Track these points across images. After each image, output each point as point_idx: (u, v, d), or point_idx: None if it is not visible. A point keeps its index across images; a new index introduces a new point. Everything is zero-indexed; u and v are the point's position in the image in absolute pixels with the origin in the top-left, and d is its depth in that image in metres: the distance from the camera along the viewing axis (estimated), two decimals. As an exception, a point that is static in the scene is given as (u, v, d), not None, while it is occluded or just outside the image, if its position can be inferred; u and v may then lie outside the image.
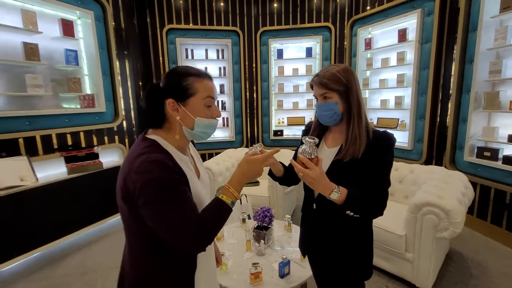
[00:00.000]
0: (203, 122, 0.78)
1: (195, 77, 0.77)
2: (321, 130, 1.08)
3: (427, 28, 3.03)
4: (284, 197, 2.69)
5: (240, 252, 1.74)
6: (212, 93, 0.80)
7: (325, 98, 0.94)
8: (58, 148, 2.67)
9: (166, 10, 4.02)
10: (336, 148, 0.99)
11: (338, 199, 0.87)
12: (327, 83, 0.92)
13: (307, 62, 4.37)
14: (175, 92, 0.76)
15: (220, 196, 0.75)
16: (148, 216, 0.67)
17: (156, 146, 0.75)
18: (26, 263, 2.32)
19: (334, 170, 0.95)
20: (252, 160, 0.81)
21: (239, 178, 0.79)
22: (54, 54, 2.63)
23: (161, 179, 0.66)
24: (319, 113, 0.98)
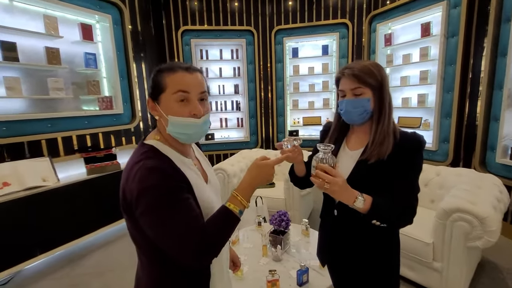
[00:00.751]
0: (177, 122, 0.69)
1: (167, 71, 0.70)
2: (342, 130, 0.99)
3: (454, 21, 2.84)
4: (300, 200, 2.62)
5: (256, 257, 1.69)
6: (185, 86, 0.68)
7: (356, 93, 0.86)
8: (78, 149, 2.74)
9: (181, 11, 4.05)
10: (359, 150, 0.92)
11: (362, 208, 0.80)
12: (362, 76, 0.84)
13: (323, 60, 4.26)
14: (150, 90, 0.73)
15: (227, 205, 0.69)
16: (146, 226, 0.63)
17: (153, 151, 0.70)
18: (48, 261, 2.39)
19: (358, 173, 0.89)
20: (263, 164, 0.75)
21: (248, 184, 0.73)
22: (74, 58, 2.71)
23: (159, 187, 0.61)
24: (347, 110, 0.89)
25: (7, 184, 2.14)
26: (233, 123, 4.53)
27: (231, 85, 4.41)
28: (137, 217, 0.63)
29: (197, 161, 0.86)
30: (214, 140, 4.45)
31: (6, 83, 2.17)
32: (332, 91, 4.31)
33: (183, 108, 0.69)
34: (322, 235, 1.08)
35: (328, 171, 0.80)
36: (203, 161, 0.90)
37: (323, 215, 1.07)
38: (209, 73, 4.33)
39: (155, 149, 0.71)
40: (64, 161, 2.60)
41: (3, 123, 2.20)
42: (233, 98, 4.45)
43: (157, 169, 0.63)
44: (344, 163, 0.94)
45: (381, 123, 0.86)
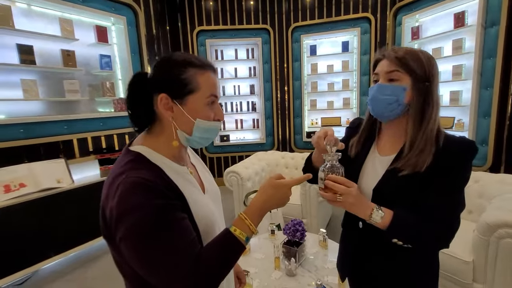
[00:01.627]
0: (204, 125, 0.62)
1: (197, 68, 0.60)
2: (373, 129, 0.84)
3: (493, 9, 2.53)
4: (318, 206, 2.44)
5: (268, 270, 1.55)
6: (216, 90, 0.63)
7: (391, 78, 0.71)
8: (93, 150, 2.75)
9: (196, 12, 4.01)
10: (391, 156, 0.76)
11: (381, 223, 0.68)
12: (404, 59, 0.69)
13: (343, 57, 4.03)
14: (170, 85, 0.59)
15: (232, 229, 0.57)
16: (128, 255, 0.51)
17: (139, 161, 0.58)
18: (62, 262, 2.40)
19: (386, 185, 0.74)
20: (279, 184, 0.63)
21: (260, 206, 0.62)
22: (90, 60, 2.73)
23: (143, 207, 0.49)
24: (374, 96, 0.73)
25: (24, 185, 2.17)
26: (249, 124, 4.42)
27: (247, 86, 4.31)
28: (117, 243, 0.52)
29: (193, 167, 0.74)
30: (229, 141, 4.36)
31: (23, 85, 2.21)
32: (353, 90, 4.07)
33: (210, 112, 0.63)
34: (345, 247, 0.94)
35: (340, 181, 0.69)
36: (200, 167, 0.78)
37: (346, 225, 0.93)
38: (224, 73, 4.26)
39: (142, 157, 0.59)
40: (79, 162, 2.62)
41: (21, 125, 2.24)
42: (249, 98, 4.34)
43: (142, 184, 0.51)
44: (371, 171, 0.79)
45: (422, 127, 0.70)
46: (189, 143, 0.65)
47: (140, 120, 0.64)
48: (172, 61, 0.61)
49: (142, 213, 0.49)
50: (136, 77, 0.64)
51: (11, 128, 2.18)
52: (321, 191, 0.72)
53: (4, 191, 2.05)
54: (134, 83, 0.63)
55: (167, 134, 0.62)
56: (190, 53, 0.64)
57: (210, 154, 4.37)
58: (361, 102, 4.01)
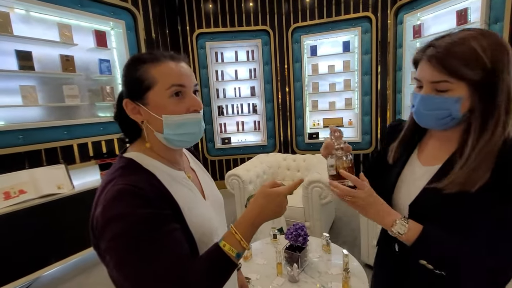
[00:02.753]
0: (174, 121, 0.57)
1: (149, 63, 0.57)
2: (417, 134, 0.71)
3: (497, 5, 2.49)
4: (320, 209, 2.40)
5: (270, 276, 1.51)
6: (179, 79, 0.57)
7: (438, 89, 0.56)
8: (94, 155, 2.74)
9: (195, 15, 4.01)
10: (435, 167, 0.63)
11: (405, 237, 0.58)
12: (453, 63, 0.53)
13: (344, 57, 3.99)
14: (128, 89, 0.59)
15: (222, 244, 0.53)
16: (111, 267, 0.48)
17: (130, 167, 0.56)
18: (63, 269, 2.38)
19: (424, 203, 0.62)
20: (273, 193, 0.58)
21: (253, 219, 0.56)
22: (89, 65, 2.72)
23: (126, 217, 0.46)
24: (418, 110, 0.61)
25: (23, 191, 2.15)
26: (250, 127, 4.40)
27: (247, 87, 4.29)
28: (102, 253, 0.50)
29: (192, 172, 0.71)
30: (230, 144, 4.34)
31: (22, 91, 2.20)
32: (355, 90, 4.03)
33: (180, 104, 0.58)
34: (379, 271, 0.83)
35: (351, 180, 0.62)
36: (200, 172, 0.75)
37: (381, 244, 0.81)
38: (224, 75, 4.24)
39: (134, 163, 0.57)
40: (79, 168, 2.61)
41: (20, 132, 2.23)
42: (250, 100, 4.31)
43: (129, 191, 0.49)
44: (410, 182, 0.67)
45: (484, 138, 0.55)
46: (171, 143, 0.60)
47: (131, 133, 0.64)
48: (126, 64, 0.60)
49: (124, 224, 0.46)
50: (120, 93, 0.65)
51: (10, 134, 2.17)
52: (330, 180, 0.67)
53: (4, 198, 2.04)
54: (119, 98, 0.64)
55: (152, 139, 0.60)
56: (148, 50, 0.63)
57: (211, 157, 4.35)
58: (363, 102, 3.97)
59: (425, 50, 0.58)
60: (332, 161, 0.66)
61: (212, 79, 4.17)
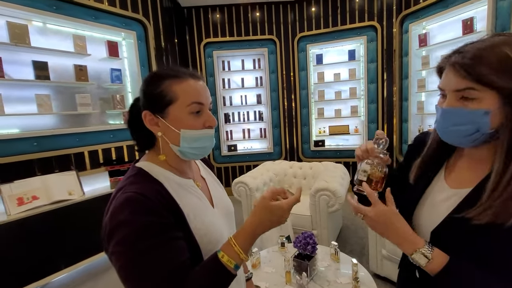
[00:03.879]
0: (191, 135, 0.61)
1: (172, 78, 0.61)
2: (445, 151, 0.63)
3: (503, 14, 2.50)
4: (328, 217, 2.39)
5: (279, 285, 1.51)
6: (199, 97, 0.61)
7: (464, 98, 0.50)
8: (104, 162, 2.79)
9: (203, 24, 4.10)
10: (465, 190, 0.56)
11: (428, 267, 0.52)
12: (482, 71, 0.47)
13: (350, 65, 4.03)
14: (149, 102, 0.62)
15: (220, 255, 0.54)
16: (116, 271, 0.51)
17: (140, 175, 0.59)
18: (73, 275, 2.40)
19: (449, 231, 0.55)
20: (275, 207, 0.58)
21: (253, 231, 0.58)
22: (101, 74, 2.80)
23: (130, 224, 0.49)
24: (441, 125, 0.55)
25: (36, 197, 2.20)
26: (256, 134, 4.43)
27: (254, 95, 4.34)
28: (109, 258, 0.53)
29: (202, 180, 0.74)
30: (236, 151, 4.36)
31: (38, 100, 2.28)
32: (361, 98, 4.04)
33: (197, 120, 0.62)
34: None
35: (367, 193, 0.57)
36: (211, 180, 0.78)
37: (402, 268, 0.75)
38: (231, 84, 4.31)
39: (143, 172, 0.60)
40: (90, 174, 2.66)
41: (35, 139, 2.29)
42: (256, 108, 4.36)
43: (134, 199, 0.52)
44: (434, 205, 0.61)
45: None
46: (184, 155, 0.64)
47: (143, 142, 0.67)
48: (148, 79, 0.63)
49: (127, 230, 0.49)
50: (134, 102, 0.68)
51: (25, 141, 2.24)
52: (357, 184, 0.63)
53: (17, 203, 2.09)
54: (132, 107, 0.67)
55: (165, 149, 0.64)
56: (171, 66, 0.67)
57: (218, 164, 4.38)
58: (369, 110, 3.98)
59: (450, 57, 0.53)
60: (368, 167, 0.63)
61: (219, 87, 4.24)
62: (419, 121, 3.52)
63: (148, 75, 0.65)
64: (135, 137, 0.68)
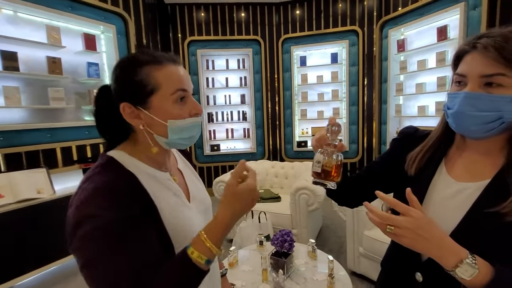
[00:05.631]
0: (180, 125, 0.57)
1: (151, 64, 0.55)
2: (445, 142, 0.61)
3: (473, 23, 2.64)
4: (308, 216, 2.41)
5: (255, 283, 1.50)
6: (182, 84, 0.57)
7: (488, 84, 0.48)
8: (78, 160, 2.67)
9: (187, 22, 4.05)
10: (479, 183, 0.52)
11: (472, 280, 0.44)
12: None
13: (332, 68, 4.11)
14: (127, 92, 0.55)
15: (189, 251, 0.50)
16: (79, 268, 0.47)
17: (110, 165, 0.55)
18: (42, 278, 2.27)
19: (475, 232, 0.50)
20: (244, 191, 0.54)
21: (226, 223, 0.54)
22: (77, 68, 2.69)
23: (98, 217, 0.46)
24: (459, 110, 0.51)
25: (1, 196, 2.07)
26: (240, 134, 4.41)
27: (238, 95, 4.33)
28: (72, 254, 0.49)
29: (179, 174, 0.70)
30: (219, 151, 4.32)
31: (5, 92, 2.14)
32: (342, 100, 4.13)
33: (183, 109, 0.58)
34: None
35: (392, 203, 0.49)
36: (188, 174, 0.74)
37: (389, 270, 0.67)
38: (215, 83, 4.27)
39: (114, 162, 0.56)
40: (62, 172, 2.53)
41: (1, 133, 2.15)
42: (240, 108, 4.34)
43: (102, 191, 0.48)
44: (443, 201, 0.56)
45: None
46: (172, 146, 0.61)
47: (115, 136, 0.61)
48: (123, 65, 0.57)
49: (93, 224, 0.45)
50: (101, 91, 0.61)
51: (-10, 136, 2.10)
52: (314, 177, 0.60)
53: (-21, 202, 1.95)
54: (99, 98, 0.60)
55: (145, 142, 0.58)
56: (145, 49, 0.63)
57: (200, 164, 4.32)
58: (350, 112, 4.07)
59: (475, 42, 0.49)
60: (320, 157, 0.60)
61: (202, 86, 4.19)
62: (397, 123, 3.64)
63: (122, 60, 0.57)
64: (104, 131, 0.61)
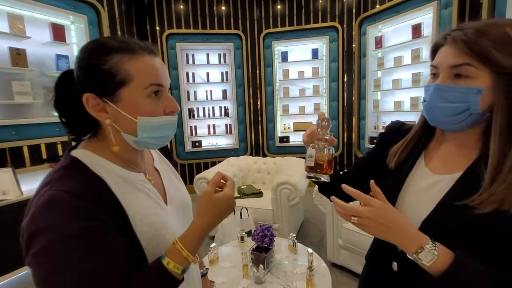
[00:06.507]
0: (151, 123, 0.52)
1: (123, 53, 0.49)
2: (425, 135, 0.63)
3: (445, 22, 2.75)
4: (289, 211, 2.42)
5: (236, 279, 1.49)
6: (158, 78, 0.51)
7: (459, 73, 0.49)
8: (47, 159, 2.52)
9: (166, 15, 3.91)
10: (452, 176, 0.54)
11: (432, 265, 0.46)
12: (482, 45, 0.46)
13: (313, 64, 4.14)
14: (93, 82, 0.49)
15: (165, 262, 0.47)
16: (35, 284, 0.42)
17: (73, 167, 0.49)
18: (7, 284, 2.13)
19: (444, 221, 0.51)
20: (222, 199, 0.53)
21: (202, 232, 0.52)
22: (45, 60, 2.51)
23: (57, 230, 0.41)
24: (429, 101, 0.53)
25: (-41, 198, 1.90)
26: (221, 130, 4.35)
27: (219, 91, 4.26)
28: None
29: (155, 173, 0.65)
30: (201, 147, 4.25)
31: (-39, 86, 1.97)
32: (323, 96, 4.18)
33: (157, 105, 0.52)
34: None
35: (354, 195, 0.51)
36: (166, 172, 0.69)
37: (371, 261, 0.70)
38: (196, 78, 4.18)
39: (79, 164, 0.50)
40: (30, 171, 2.37)
41: (-43, 131, 1.98)
42: (221, 103, 4.28)
43: (63, 199, 0.43)
44: (418, 192, 0.58)
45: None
46: (141, 145, 0.55)
47: (79, 127, 0.55)
48: (90, 50, 0.50)
49: (51, 238, 0.41)
50: (62, 77, 0.54)
51: None
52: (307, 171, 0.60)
53: None
54: (60, 84, 0.53)
55: (108, 138, 0.53)
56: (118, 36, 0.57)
57: (181, 161, 4.22)
58: (331, 108, 4.14)
59: (447, 34, 0.51)
60: (313, 151, 0.61)
61: (183, 80, 4.08)
62: (375, 118, 3.75)
63: (89, 44, 0.51)
64: (67, 122, 0.55)
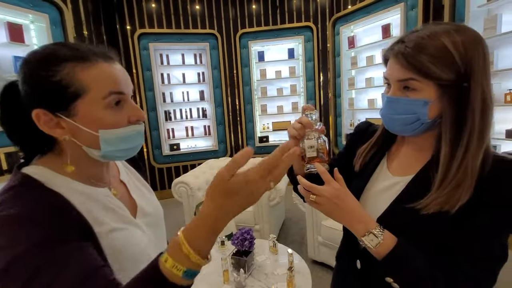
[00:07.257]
0: (115, 135, 0.48)
1: (75, 61, 0.44)
2: (388, 138, 0.65)
3: (412, 22, 2.89)
4: (270, 211, 2.43)
5: (216, 285, 1.46)
6: (117, 86, 0.47)
7: (406, 88, 0.51)
8: (8, 170, 2.32)
9: (137, 14, 3.76)
10: (407, 178, 0.57)
11: (375, 250, 0.51)
12: (421, 62, 0.48)
13: (290, 63, 4.19)
14: (43, 96, 0.44)
15: (163, 259, 0.38)
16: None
17: (26, 186, 0.44)
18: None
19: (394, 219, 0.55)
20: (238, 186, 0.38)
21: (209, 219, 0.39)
22: (1, 63, 2.31)
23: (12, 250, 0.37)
24: (385, 114, 0.57)
25: None
26: (200, 132, 4.28)
27: (196, 92, 4.17)
28: None
29: (122, 186, 0.61)
30: (180, 150, 4.15)
31: None
32: (300, 95, 4.24)
33: (119, 115, 0.48)
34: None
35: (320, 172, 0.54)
36: (134, 184, 0.64)
37: (340, 259, 0.73)
38: (171, 79, 4.06)
39: (32, 182, 0.45)
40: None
41: None
42: (199, 105, 4.20)
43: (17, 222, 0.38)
44: (377, 193, 0.61)
45: (460, 150, 0.48)
46: (108, 158, 0.51)
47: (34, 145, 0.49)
48: (35, 60, 0.45)
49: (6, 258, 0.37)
50: (6, 91, 0.47)
51: None
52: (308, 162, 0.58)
53: None
54: (4, 100, 0.47)
55: (73, 154, 0.48)
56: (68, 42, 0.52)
57: (159, 165, 4.09)
58: (309, 106, 4.19)
59: (393, 46, 0.53)
60: (313, 141, 0.59)
61: (157, 82, 3.95)
62: (350, 115, 3.86)
63: (35, 53, 0.45)
64: (17, 141, 0.49)
